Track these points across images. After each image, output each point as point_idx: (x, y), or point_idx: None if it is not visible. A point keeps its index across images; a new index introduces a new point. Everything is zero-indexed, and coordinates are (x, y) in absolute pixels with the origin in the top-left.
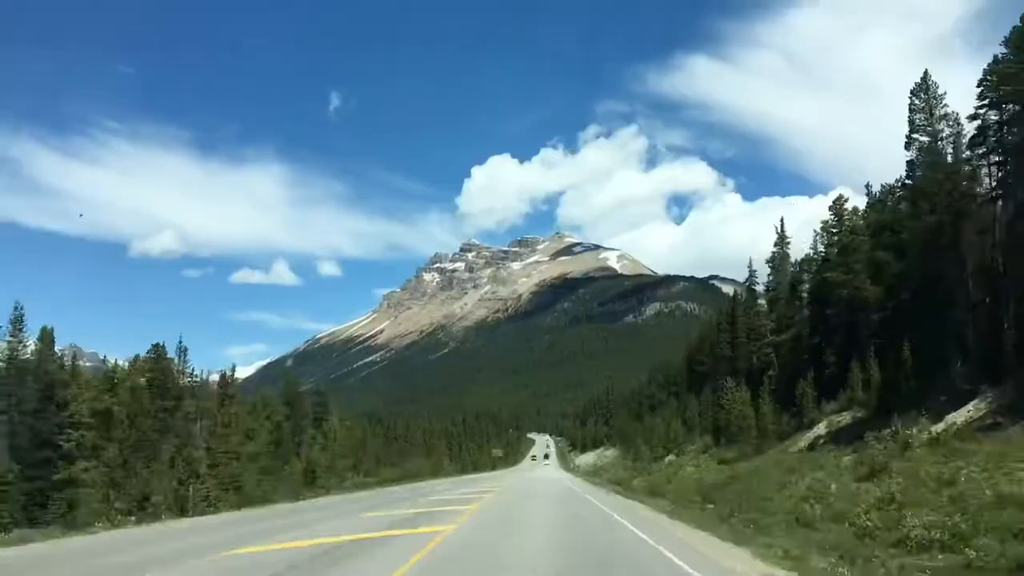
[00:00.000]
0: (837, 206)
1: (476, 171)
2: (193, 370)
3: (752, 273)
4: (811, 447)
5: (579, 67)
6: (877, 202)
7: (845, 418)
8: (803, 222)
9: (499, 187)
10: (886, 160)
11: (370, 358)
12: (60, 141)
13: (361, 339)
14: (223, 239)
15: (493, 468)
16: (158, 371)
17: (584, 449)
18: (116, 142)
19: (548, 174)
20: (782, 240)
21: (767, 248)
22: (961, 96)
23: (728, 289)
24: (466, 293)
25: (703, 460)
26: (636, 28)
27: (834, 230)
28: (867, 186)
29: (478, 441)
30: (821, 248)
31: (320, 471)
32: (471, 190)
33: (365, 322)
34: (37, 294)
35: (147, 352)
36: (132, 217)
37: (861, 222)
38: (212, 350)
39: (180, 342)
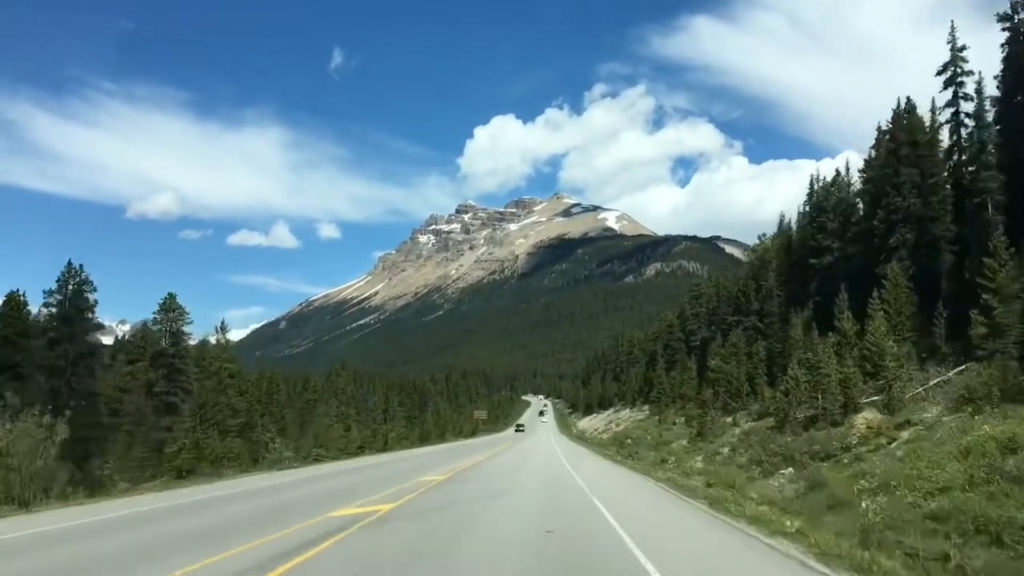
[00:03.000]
0: None
1: (479, 131)
2: None
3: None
4: None
5: (582, 28)
6: None
7: None
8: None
9: (501, 148)
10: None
11: (363, 320)
12: (57, 103)
13: (355, 301)
14: (222, 201)
15: (471, 434)
16: None
17: (588, 411)
18: (112, 104)
19: (552, 135)
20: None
21: (773, 209)
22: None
23: (732, 250)
24: (462, 255)
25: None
26: None
27: None
28: None
29: (459, 403)
30: None
31: None
32: (473, 151)
33: (359, 284)
34: (32, 255)
35: None
36: (130, 179)
37: None
38: (210, 313)
39: None
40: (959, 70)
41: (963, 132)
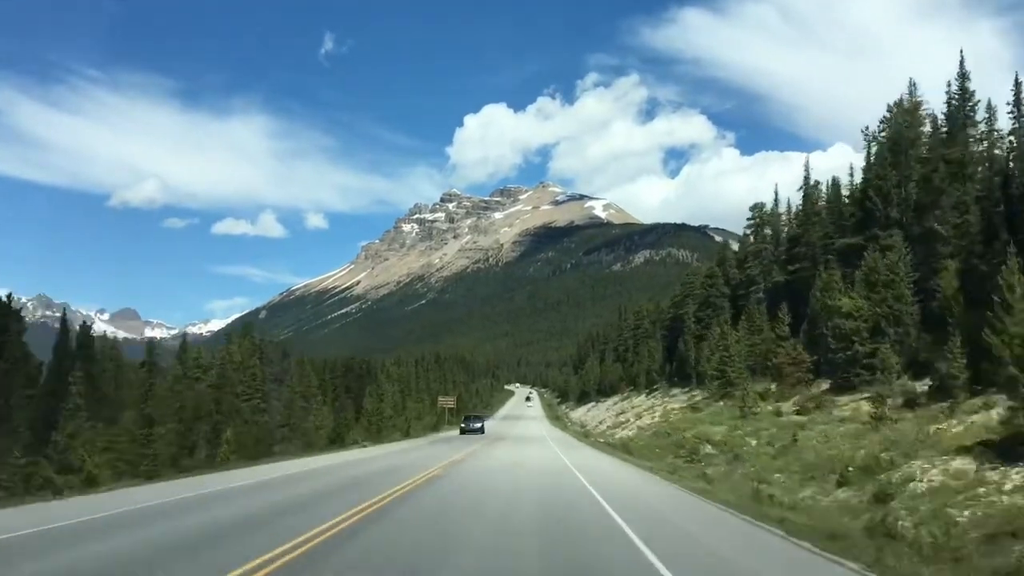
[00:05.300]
0: None
1: (469, 120)
2: None
3: None
4: None
5: (573, 18)
6: None
7: None
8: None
9: (492, 137)
10: (880, 117)
11: (345, 309)
12: (41, 90)
13: (337, 290)
14: (208, 190)
15: (434, 428)
16: None
17: (583, 399)
18: (97, 92)
19: (543, 125)
20: None
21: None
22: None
23: (722, 239)
24: (446, 243)
25: None
26: None
27: None
28: None
29: (430, 391)
30: None
31: None
32: (463, 140)
33: (342, 274)
34: (14, 242)
35: None
36: (114, 167)
37: None
38: (194, 303)
39: None
40: None
41: None
